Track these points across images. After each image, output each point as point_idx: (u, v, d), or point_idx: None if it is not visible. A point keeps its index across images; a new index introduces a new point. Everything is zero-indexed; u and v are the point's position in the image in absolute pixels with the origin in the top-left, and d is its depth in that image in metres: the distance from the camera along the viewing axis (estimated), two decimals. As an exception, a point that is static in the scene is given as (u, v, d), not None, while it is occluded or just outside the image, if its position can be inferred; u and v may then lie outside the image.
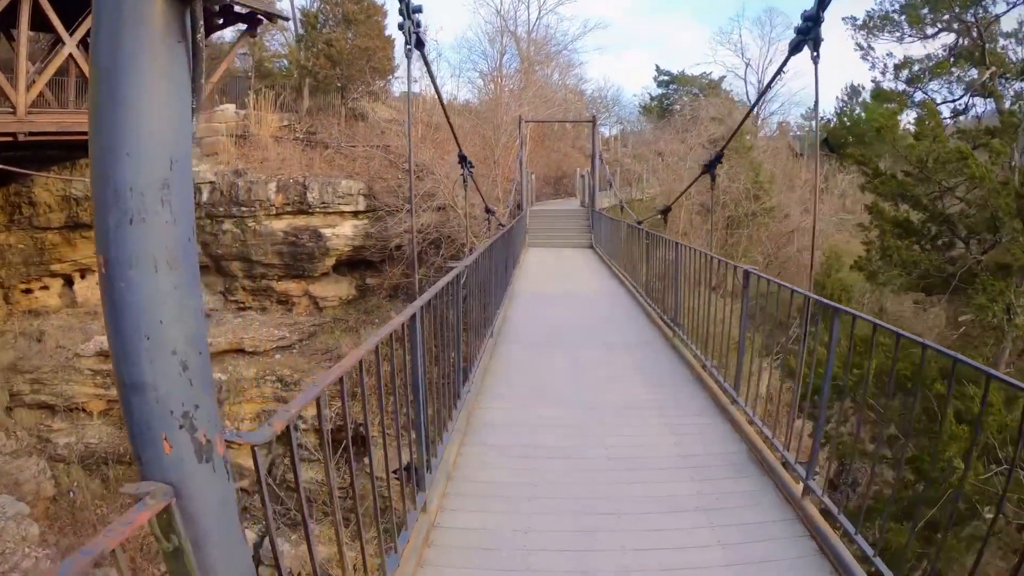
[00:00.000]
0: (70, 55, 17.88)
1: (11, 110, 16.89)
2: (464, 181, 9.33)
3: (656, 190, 29.73)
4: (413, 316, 4.46)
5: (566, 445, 6.10)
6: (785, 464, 5.37)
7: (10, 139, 16.86)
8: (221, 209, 21.43)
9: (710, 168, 9.65)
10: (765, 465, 5.52)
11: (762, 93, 28.03)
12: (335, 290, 22.90)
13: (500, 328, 10.56)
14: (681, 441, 6.25)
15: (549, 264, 19.95)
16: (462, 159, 9.17)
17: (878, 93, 25.31)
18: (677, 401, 7.44)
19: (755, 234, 27.87)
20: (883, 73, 24.60)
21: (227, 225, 21.53)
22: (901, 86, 24.36)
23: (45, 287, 21.65)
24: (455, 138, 11.07)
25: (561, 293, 15.04)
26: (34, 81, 17.73)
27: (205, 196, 21.36)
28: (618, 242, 18.36)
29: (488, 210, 12.34)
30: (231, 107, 23.38)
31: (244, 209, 21.37)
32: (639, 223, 15.33)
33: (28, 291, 21.27)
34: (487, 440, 6.17)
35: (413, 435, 4.57)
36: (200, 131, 22.31)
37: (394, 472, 4.06)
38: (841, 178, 36.95)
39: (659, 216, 14.26)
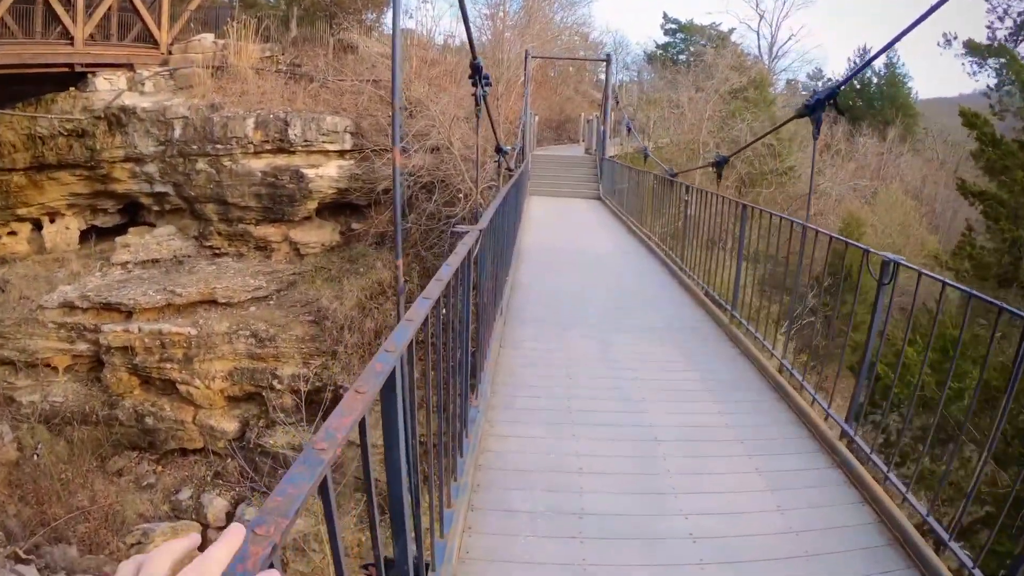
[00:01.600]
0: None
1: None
2: (477, 104, 6.84)
3: (667, 140, 27.29)
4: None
5: (626, 511, 4.05)
6: None
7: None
8: (194, 147, 19.31)
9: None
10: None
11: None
12: (318, 236, 20.76)
13: (509, 301, 8.48)
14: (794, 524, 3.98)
15: (556, 217, 17.88)
16: (476, 70, 6.64)
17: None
18: (756, 422, 5.42)
19: (772, 194, 25.57)
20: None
21: (201, 164, 19.43)
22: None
23: (13, 232, 20.05)
24: (471, 48, 8.70)
25: (575, 252, 13.04)
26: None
27: (177, 132, 19.27)
28: (638, 196, 16.23)
29: (499, 150, 10.05)
30: (209, 36, 21.20)
31: (219, 147, 19.27)
32: (673, 175, 12.96)
33: (-6, 237, 19.25)
34: (510, 503, 4.05)
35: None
36: (174, 61, 20.47)
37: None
38: (863, 142, 34.60)
39: (711, 170, 11.61)
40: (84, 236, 20.83)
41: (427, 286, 2.90)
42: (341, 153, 20.19)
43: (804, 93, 44.95)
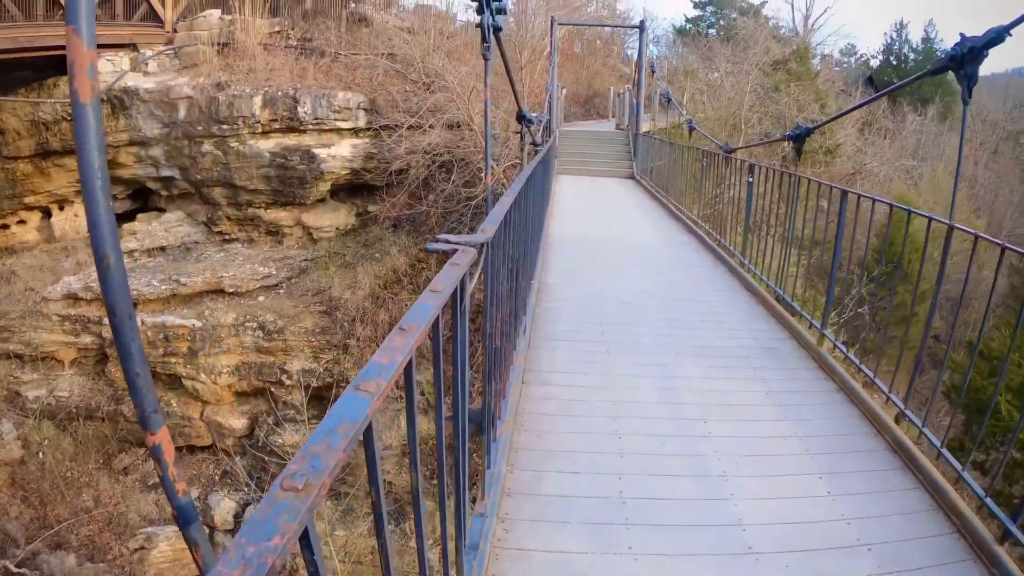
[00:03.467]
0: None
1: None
2: (484, 41, 4.96)
3: (704, 115, 25.10)
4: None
5: None
6: None
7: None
8: (200, 128, 17.73)
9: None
10: None
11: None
12: (331, 219, 19.07)
13: (534, 311, 6.67)
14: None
15: (588, 199, 15.94)
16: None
17: None
18: (886, 524, 3.57)
19: (818, 174, 23.40)
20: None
21: (207, 146, 17.91)
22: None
23: (22, 221, 18.82)
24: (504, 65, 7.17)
25: (613, 243, 10.96)
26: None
27: (182, 113, 17.71)
28: (682, 175, 14.24)
29: (522, 117, 7.89)
30: (215, 12, 19.58)
31: (225, 127, 17.66)
32: (730, 151, 10.68)
33: (4, 227, 18.49)
34: None
35: None
36: (179, 40, 19.02)
37: None
38: (912, 118, 32.35)
39: (786, 145, 9.56)
40: (96, 223, 19.25)
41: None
42: (355, 131, 18.51)
43: (837, 70, 42.53)
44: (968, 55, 4.31)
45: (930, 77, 5.03)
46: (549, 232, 10.44)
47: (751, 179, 8.81)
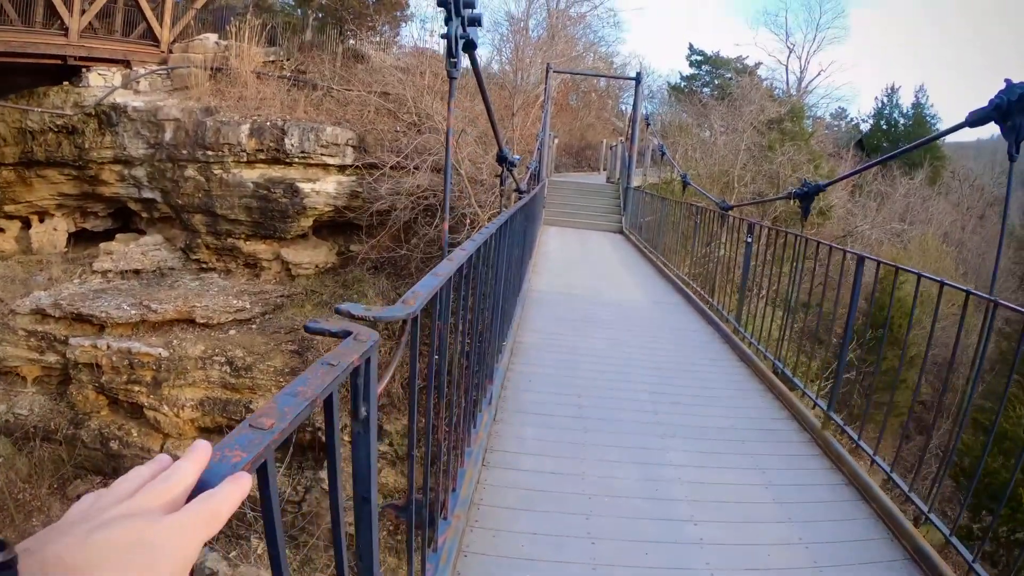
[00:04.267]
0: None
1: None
2: (451, 56, 4.28)
3: (696, 172, 24.70)
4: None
5: None
6: None
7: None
8: (185, 152, 17.25)
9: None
10: None
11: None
12: (311, 256, 18.44)
13: (506, 375, 5.92)
14: None
15: (574, 252, 15.23)
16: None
17: None
18: None
19: (808, 236, 22.94)
20: None
21: (190, 171, 17.37)
22: None
23: (1, 230, 18.37)
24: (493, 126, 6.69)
25: (598, 301, 10.10)
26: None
27: (168, 135, 17.28)
28: (673, 232, 13.62)
29: (502, 159, 7.13)
30: (212, 36, 19.31)
31: (210, 153, 17.15)
32: (727, 208, 10.02)
33: (-17, 233, 17.79)
34: None
35: None
36: (173, 60, 18.68)
37: None
38: (903, 182, 32.28)
39: (792, 204, 9.00)
40: (75, 239, 18.98)
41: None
42: (341, 168, 17.98)
43: (827, 132, 42.57)
44: (1018, 104, 3.66)
45: (969, 127, 4.32)
46: (531, 285, 9.85)
47: (750, 239, 8.24)
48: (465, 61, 4.83)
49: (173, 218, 18.17)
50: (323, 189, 17.66)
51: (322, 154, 17.46)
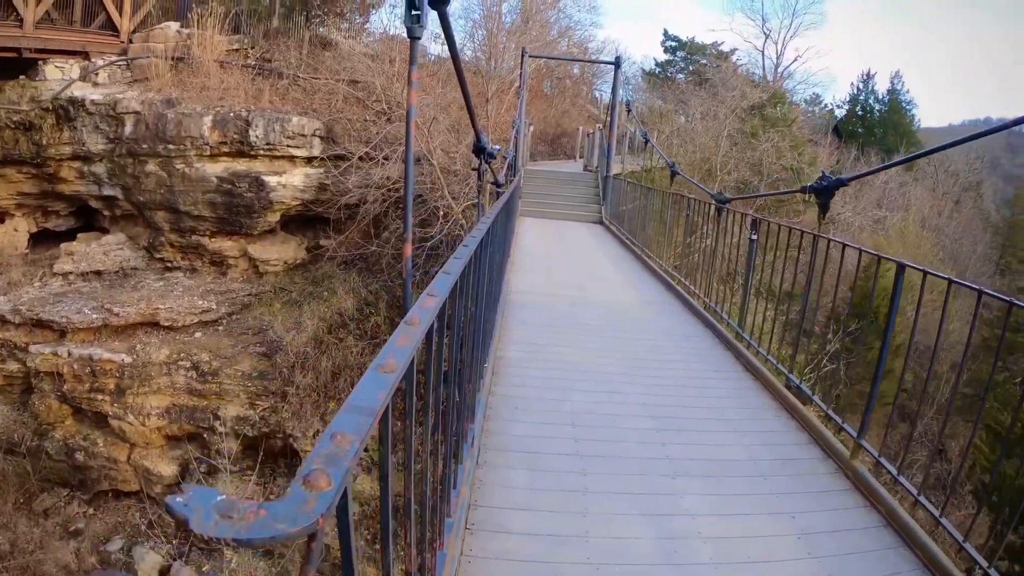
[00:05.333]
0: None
1: None
2: (413, 38, 3.33)
3: (678, 159, 23.77)
4: None
5: None
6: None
7: None
8: (145, 146, 16.19)
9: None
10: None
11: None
12: (280, 252, 17.49)
13: (488, 403, 5.01)
14: None
15: (553, 246, 14.22)
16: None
17: None
18: None
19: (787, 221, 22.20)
20: None
21: (151, 166, 16.36)
22: None
23: None
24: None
25: (583, 303, 9.00)
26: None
27: (128, 129, 16.21)
28: (660, 224, 12.67)
29: (480, 150, 6.01)
30: (174, 25, 18.22)
31: (172, 147, 16.13)
32: (723, 201, 8.73)
33: (-61, 239, 16.86)
34: None
35: None
36: (133, 51, 17.56)
37: None
38: (896, 169, 31.70)
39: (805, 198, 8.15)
40: (38, 239, 17.93)
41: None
42: (309, 160, 17.03)
43: (803, 119, 42.01)
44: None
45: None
46: (511, 286, 8.88)
47: (755, 236, 7.36)
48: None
49: (136, 216, 17.16)
50: (290, 182, 16.71)
51: (288, 145, 16.51)
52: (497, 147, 6.93)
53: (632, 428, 5.00)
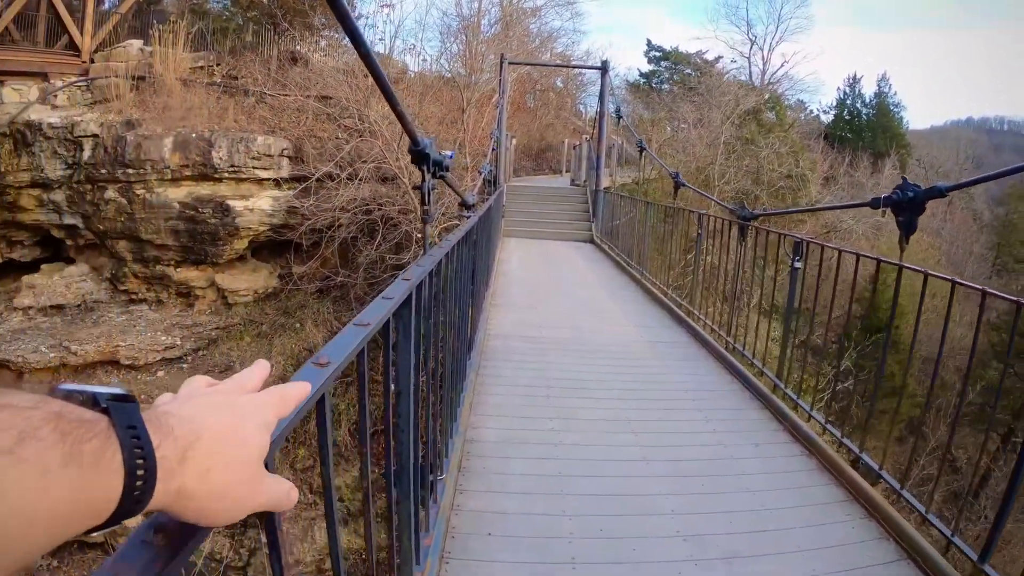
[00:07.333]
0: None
1: None
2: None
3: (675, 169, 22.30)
4: None
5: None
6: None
7: None
8: (104, 171, 14.93)
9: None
10: None
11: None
12: (249, 281, 16.09)
13: (447, 536, 3.27)
14: None
15: (541, 272, 12.29)
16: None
17: None
18: None
19: (791, 232, 20.71)
20: None
21: (110, 192, 15.12)
22: None
23: None
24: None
25: (580, 351, 7.02)
26: None
27: (87, 154, 14.97)
28: (662, 243, 11.11)
29: (421, 158, 4.26)
30: (137, 43, 17.02)
31: (131, 172, 14.85)
32: (747, 218, 7.01)
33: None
34: None
35: None
36: (95, 71, 16.30)
37: None
38: (888, 171, 30.53)
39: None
40: (4, 270, 16.48)
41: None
42: (277, 182, 15.64)
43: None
44: None
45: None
46: (489, 327, 7.29)
47: (798, 263, 5.71)
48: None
49: (97, 245, 15.85)
50: (257, 206, 15.35)
51: (254, 167, 15.21)
52: (450, 154, 5.06)
53: (662, 560, 3.30)
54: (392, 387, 2.08)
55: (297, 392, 0.87)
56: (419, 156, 4.38)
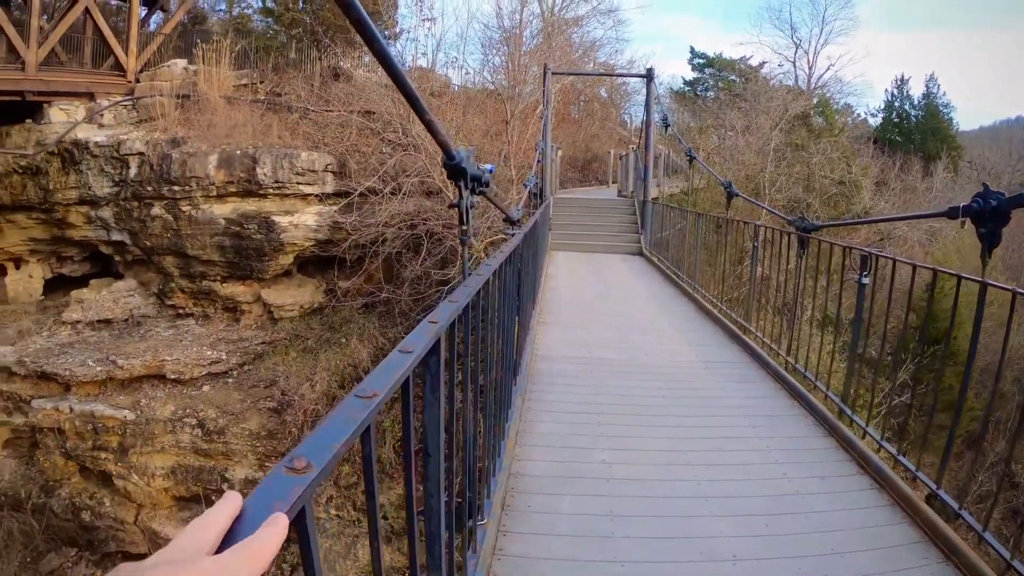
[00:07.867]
0: None
1: None
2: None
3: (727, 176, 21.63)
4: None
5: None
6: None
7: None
8: (150, 188, 15.03)
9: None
10: None
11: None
12: (296, 295, 16.03)
13: (503, 526, 3.34)
14: None
15: (588, 287, 11.80)
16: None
17: None
18: None
19: (851, 243, 19.96)
20: None
21: (156, 209, 15.22)
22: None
23: None
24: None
25: (635, 374, 6.56)
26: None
27: (133, 171, 15.09)
28: (714, 257, 10.67)
29: (458, 172, 3.75)
30: (181, 62, 17.23)
31: (177, 189, 14.93)
32: (807, 229, 6.54)
33: (-44, 283, 16.17)
34: None
35: None
36: (140, 90, 16.55)
37: None
38: (940, 176, 29.52)
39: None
40: (55, 285, 16.82)
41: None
42: (321, 197, 15.57)
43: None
44: None
45: None
46: (536, 348, 7.01)
47: (866, 278, 5.16)
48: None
49: (144, 261, 16.01)
50: (302, 222, 15.29)
51: (298, 183, 15.16)
52: (490, 167, 4.53)
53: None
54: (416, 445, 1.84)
55: (271, 539, 0.74)
56: (454, 171, 3.78)
